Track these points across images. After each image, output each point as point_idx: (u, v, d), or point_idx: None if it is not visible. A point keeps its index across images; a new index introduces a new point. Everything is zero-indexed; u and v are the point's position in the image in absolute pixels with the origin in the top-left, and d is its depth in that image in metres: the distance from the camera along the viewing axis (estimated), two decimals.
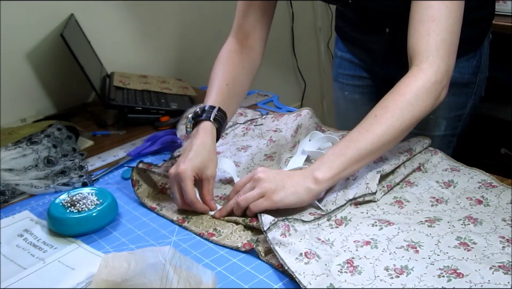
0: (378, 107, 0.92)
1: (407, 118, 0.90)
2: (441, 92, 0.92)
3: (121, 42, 1.68)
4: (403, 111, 0.90)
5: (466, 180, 0.97)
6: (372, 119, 0.91)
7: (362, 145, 0.90)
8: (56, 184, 1.08)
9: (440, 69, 0.90)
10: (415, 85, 0.90)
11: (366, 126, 0.91)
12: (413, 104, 0.90)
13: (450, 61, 0.92)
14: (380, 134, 0.90)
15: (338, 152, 0.91)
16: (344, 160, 0.90)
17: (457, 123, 1.22)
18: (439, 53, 0.90)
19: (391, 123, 0.90)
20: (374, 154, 0.92)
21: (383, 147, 0.91)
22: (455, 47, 0.93)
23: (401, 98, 0.90)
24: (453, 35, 0.92)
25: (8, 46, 1.42)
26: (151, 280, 0.69)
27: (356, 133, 0.92)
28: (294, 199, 0.89)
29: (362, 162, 0.91)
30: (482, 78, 1.20)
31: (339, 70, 1.36)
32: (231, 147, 1.19)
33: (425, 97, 0.90)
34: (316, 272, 0.75)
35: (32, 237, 0.93)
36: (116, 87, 1.48)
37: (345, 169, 0.90)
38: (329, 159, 0.91)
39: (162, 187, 1.04)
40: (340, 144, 0.92)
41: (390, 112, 0.90)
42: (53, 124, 1.23)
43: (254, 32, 1.15)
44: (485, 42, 1.17)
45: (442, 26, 0.90)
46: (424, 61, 0.91)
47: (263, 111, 1.40)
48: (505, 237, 0.81)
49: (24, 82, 1.48)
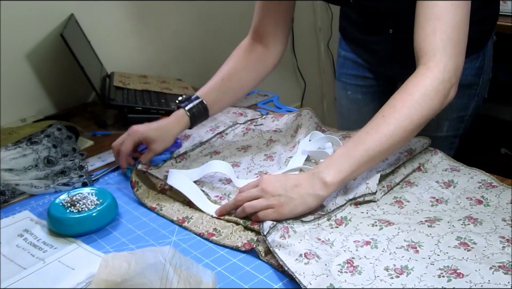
0: (386, 107, 0.91)
1: (416, 118, 0.89)
2: (449, 90, 0.91)
3: (121, 42, 1.68)
4: (411, 110, 0.88)
5: (466, 180, 0.97)
6: (379, 119, 0.90)
7: (371, 146, 0.88)
8: (56, 184, 1.08)
9: (447, 67, 0.89)
10: (423, 84, 0.89)
11: (374, 126, 0.90)
12: (421, 104, 0.89)
13: (458, 59, 0.91)
14: (388, 134, 0.88)
15: (346, 153, 0.90)
16: (353, 162, 0.88)
17: (460, 125, 1.21)
18: (446, 51, 0.89)
19: (399, 123, 0.88)
20: (382, 155, 0.91)
21: (391, 147, 0.90)
22: (463, 45, 0.92)
23: (409, 97, 0.89)
24: (460, 33, 0.91)
25: (8, 46, 1.42)
26: (151, 280, 0.69)
27: (364, 133, 0.90)
28: (302, 209, 0.89)
29: (370, 163, 0.90)
30: (485, 79, 1.19)
31: (342, 69, 1.36)
32: (231, 147, 1.19)
33: (434, 96, 0.89)
34: (316, 272, 0.75)
35: (32, 237, 0.93)
36: (116, 87, 1.48)
37: (354, 171, 0.89)
38: (338, 161, 0.89)
39: (161, 188, 1.04)
40: (348, 145, 0.91)
41: (398, 111, 0.89)
42: (53, 124, 1.23)
43: (269, 33, 1.16)
44: (488, 43, 1.17)
45: (449, 24, 0.89)
46: (431, 60, 0.90)
47: (263, 111, 1.40)
48: (505, 237, 0.81)
49: (24, 82, 1.48)
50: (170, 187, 1.00)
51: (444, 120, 1.19)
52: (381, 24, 1.14)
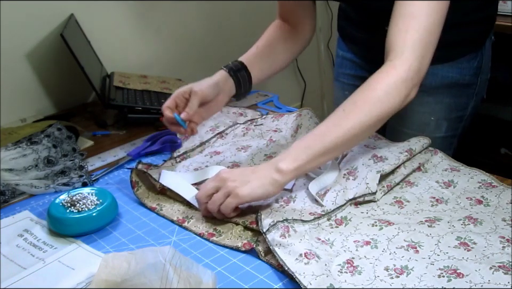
0: (348, 102, 0.92)
1: (375, 114, 0.90)
2: (411, 90, 0.91)
3: (121, 42, 1.68)
4: (371, 107, 0.89)
5: (466, 180, 0.97)
6: (340, 113, 0.91)
7: (328, 139, 0.90)
8: (56, 184, 1.08)
9: (412, 66, 0.90)
10: (385, 82, 0.90)
11: (334, 120, 0.91)
12: (382, 101, 0.89)
13: (424, 61, 0.91)
14: (347, 129, 0.89)
15: (304, 145, 0.91)
16: (309, 153, 0.90)
17: (458, 125, 1.21)
18: (414, 51, 0.90)
19: (359, 118, 0.89)
20: (340, 149, 0.93)
21: (349, 142, 0.92)
22: (432, 48, 0.92)
23: (371, 94, 0.90)
24: (431, 36, 0.91)
25: (8, 46, 1.42)
26: (151, 280, 0.69)
27: (324, 127, 0.92)
28: (260, 192, 0.89)
29: (328, 155, 0.92)
30: (484, 79, 1.19)
31: (340, 69, 1.36)
32: (231, 147, 1.19)
33: (395, 94, 0.90)
34: (316, 272, 0.75)
35: (32, 237, 0.93)
36: (116, 87, 1.48)
37: (310, 162, 0.90)
38: (295, 151, 0.91)
39: (161, 188, 1.04)
40: (307, 138, 0.92)
41: (359, 107, 0.90)
42: (53, 124, 1.23)
43: (293, 14, 1.19)
44: (486, 43, 1.17)
45: (421, 25, 0.90)
46: (398, 57, 0.90)
47: (263, 111, 1.40)
48: (505, 237, 0.81)
49: (24, 82, 1.48)
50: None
51: (442, 120, 1.19)
52: (378, 22, 1.14)
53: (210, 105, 1.09)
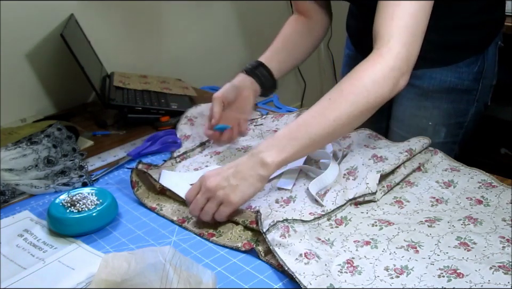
0: (334, 91, 0.89)
1: (362, 104, 0.87)
2: (399, 79, 0.89)
3: (121, 42, 1.68)
4: (358, 97, 0.87)
5: (466, 180, 0.97)
6: (325, 102, 0.89)
7: (314, 130, 0.88)
8: (56, 184, 1.08)
9: (400, 54, 0.87)
10: (372, 70, 0.87)
11: (319, 110, 0.89)
12: (369, 90, 0.87)
13: (411, 48, 0.88)
14: (333, 119, 0.87)
15: (289, 135, 0.89)
16: (295, 144, 0.88)
17: (459, 131, 1.18)
18: (401, 38, 0.87)
19: (345, 108, 0.87)
20: (326, 139, 0.91)
21: (335, 132, 0.90)
22: (420, 35, 0.89)
23: (357, 82, 0.88)
24: (418, 22, 0.88)
25: (8, 46, 1.42)
26: (151, 280, 0.69)
27: (309, 116, 0.89)
28: (251, 191, 0.89)
29: (313, 146, 0.91)
30: (486, 85, 1.16)
31: (345, 68, 1.36)
32: (231, 147, 1.19)
33: (383, 83, 0.87)
34: (316, 272, 0.75)
35: (32, 237, 0.93)
36: (116, 87, 1.48)
37: (295, 154, 0.89)
38: (280, 142, 0.89)
39: (161, 188, 1.04)
40: (292, 127, 0.90)
41: (345, 96, 0.88)
42: (53, 124, 1.23)
43: (307, 6, 1.20)
44: (490, 47, 1.13)
45: (406, 12, 0.87)
46: (384, 45, 0.88)
47: (263, 111, 1.40)
48: (505, 237, 0.81)
49: (24, 82, 1.48)
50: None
51: (440, 126, 1.16)
52: None
53: (239, 103, 1.12)
